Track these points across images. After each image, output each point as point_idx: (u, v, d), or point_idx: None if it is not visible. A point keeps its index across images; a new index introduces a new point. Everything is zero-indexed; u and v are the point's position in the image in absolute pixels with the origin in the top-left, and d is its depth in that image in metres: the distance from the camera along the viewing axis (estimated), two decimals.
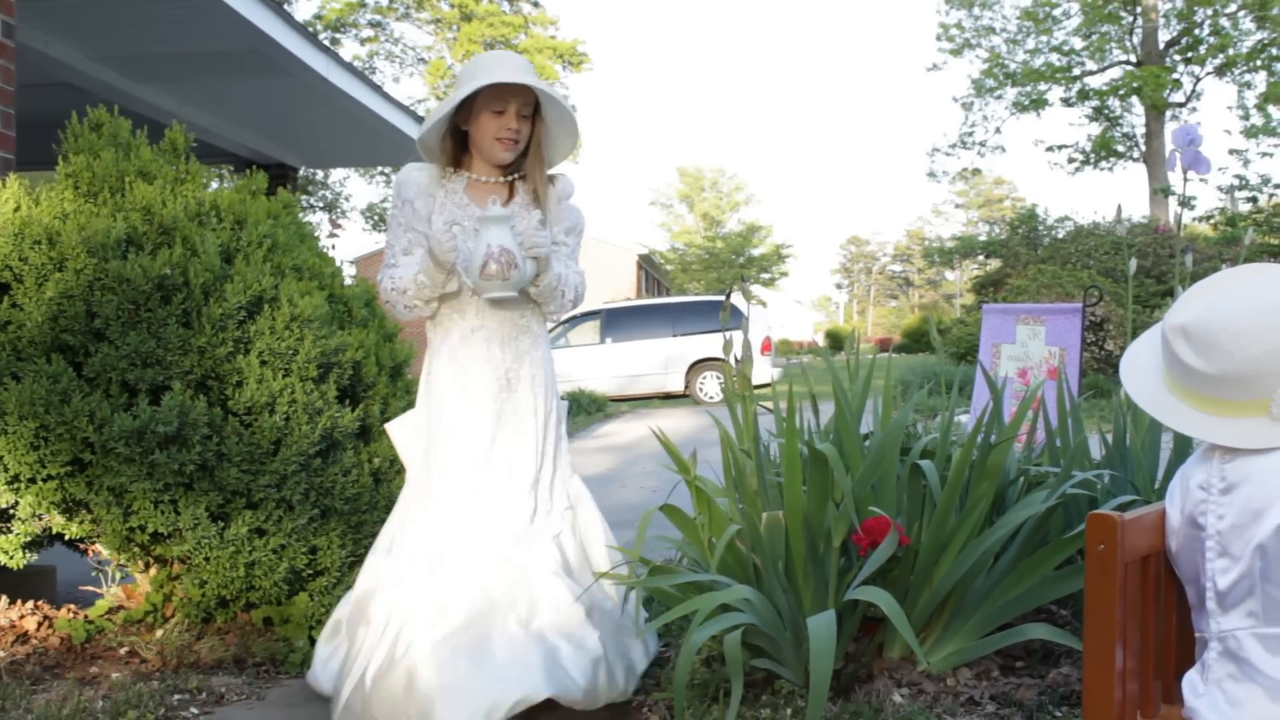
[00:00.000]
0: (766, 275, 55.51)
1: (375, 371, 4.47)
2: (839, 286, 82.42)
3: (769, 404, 3.96)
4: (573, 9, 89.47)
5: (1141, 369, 2.16)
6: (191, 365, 3.97)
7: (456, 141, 3.33)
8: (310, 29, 12.89)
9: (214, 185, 5.86)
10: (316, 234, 4.96)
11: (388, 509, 4.04)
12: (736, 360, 3.64)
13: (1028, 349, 5.52)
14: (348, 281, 4.82)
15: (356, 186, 70.93)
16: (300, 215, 4.78)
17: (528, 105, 3.25)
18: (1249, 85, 30.74)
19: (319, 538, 4.12)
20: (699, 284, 50.64)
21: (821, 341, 55.38)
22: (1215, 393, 1.99)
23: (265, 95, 9.83)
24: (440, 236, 3.13)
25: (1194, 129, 3.46)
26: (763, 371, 18.70)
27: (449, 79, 49.18)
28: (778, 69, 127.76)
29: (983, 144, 32.82)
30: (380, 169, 46.93)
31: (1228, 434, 1.99)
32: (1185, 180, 3.53)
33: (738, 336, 13.85)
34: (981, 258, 26.74)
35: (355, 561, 4.17)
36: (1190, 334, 1.98)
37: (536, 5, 49.88)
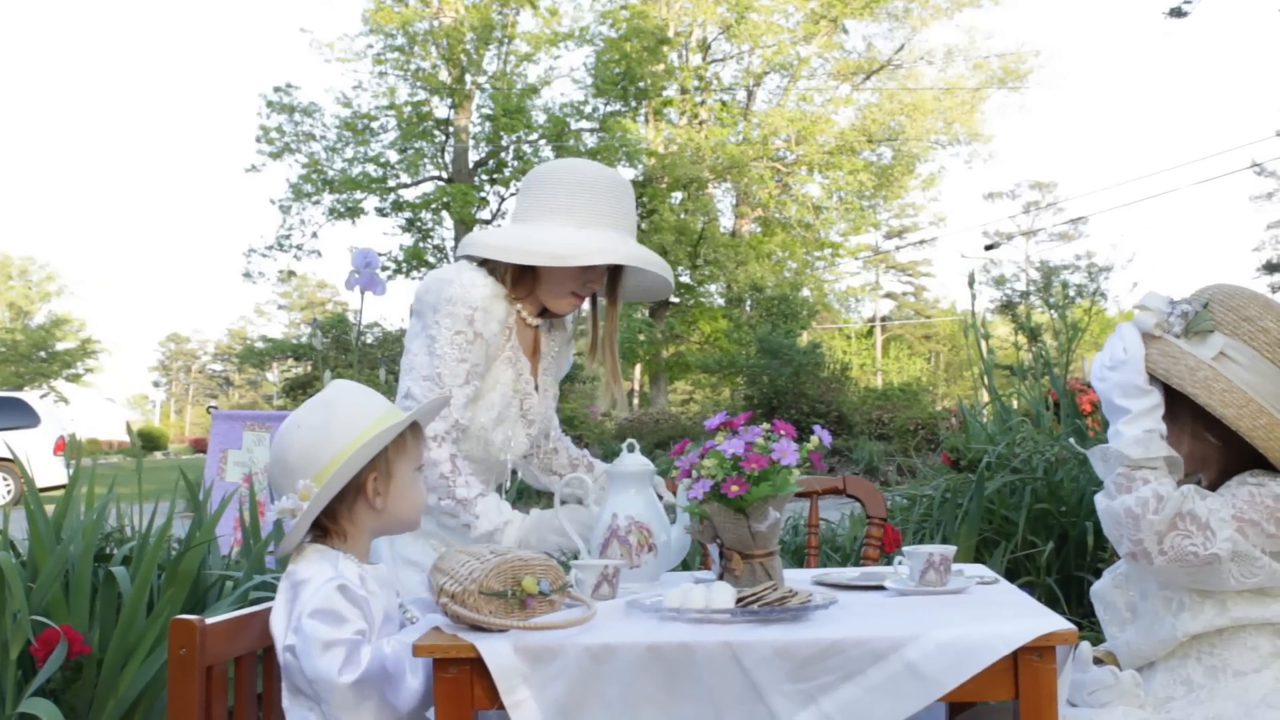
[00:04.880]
0: (73, 371, 52.08)
1: None
2: (156, 384, 79.10)
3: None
4: None
5: None
6: None
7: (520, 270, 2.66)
8: None
9: None
10: None
11: None
12: None
13: (254, 455, 5.63)
14: None
15: None
16: None
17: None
18: None
19: None
20: None
21: (131, 441, 52.68)
22: None
23: None
24: (504, 521, 2.49)
25: (371, 252, 3.74)
26: (55, 472, 17.55)
27: None
28: (93, 154, 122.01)
29: (299, 247, 33.03)
30: None
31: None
32: (362, 298, 3.82)
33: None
34: (292, 360, 26.92)
35: None
36: None
37: None
